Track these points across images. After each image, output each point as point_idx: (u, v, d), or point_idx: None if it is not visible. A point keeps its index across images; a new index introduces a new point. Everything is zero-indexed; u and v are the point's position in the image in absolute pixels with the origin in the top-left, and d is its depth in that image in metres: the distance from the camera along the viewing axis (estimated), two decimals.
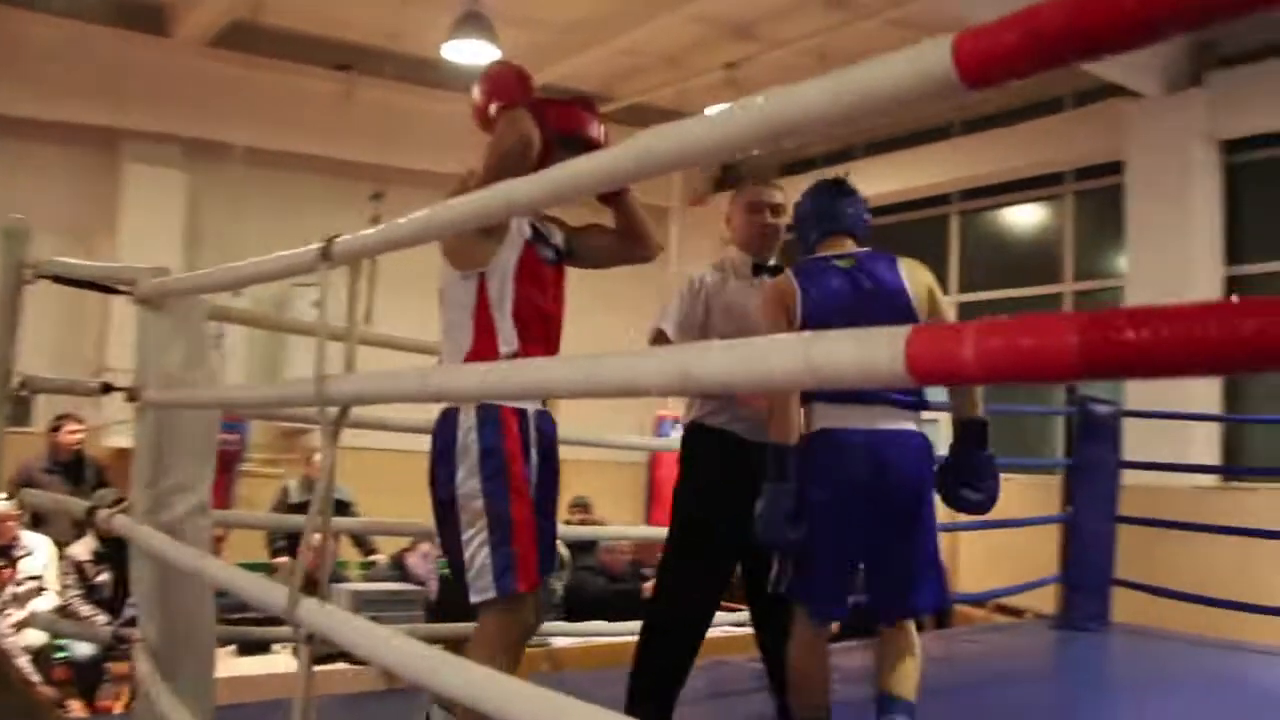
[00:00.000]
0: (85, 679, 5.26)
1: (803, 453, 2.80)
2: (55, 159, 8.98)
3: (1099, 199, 8.93)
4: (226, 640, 4.34)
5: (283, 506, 7.13)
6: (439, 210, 1.55)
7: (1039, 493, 6.64)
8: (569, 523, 7.09)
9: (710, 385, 1.08)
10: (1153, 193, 7.88)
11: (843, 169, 3.37)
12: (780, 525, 2.75)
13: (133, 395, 3.19)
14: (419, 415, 3.90)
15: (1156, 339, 0.71)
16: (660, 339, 3.28)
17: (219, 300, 3.76)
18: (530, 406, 2.68)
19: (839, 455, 2.79)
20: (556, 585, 6.48)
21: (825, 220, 3.08)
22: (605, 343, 1.85)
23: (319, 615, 1.72)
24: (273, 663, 4.67)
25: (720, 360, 1.00)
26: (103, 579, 5.41)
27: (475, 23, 7.98)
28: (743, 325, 3.16)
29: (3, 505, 5.35)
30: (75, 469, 6.83)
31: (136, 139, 9.05)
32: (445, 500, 2.65)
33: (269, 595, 1.96)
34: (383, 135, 7.75)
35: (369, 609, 4.67)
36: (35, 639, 5.13)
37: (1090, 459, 5.74)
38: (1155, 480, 6.67)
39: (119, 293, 3.34)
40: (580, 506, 8.05)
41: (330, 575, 3.82)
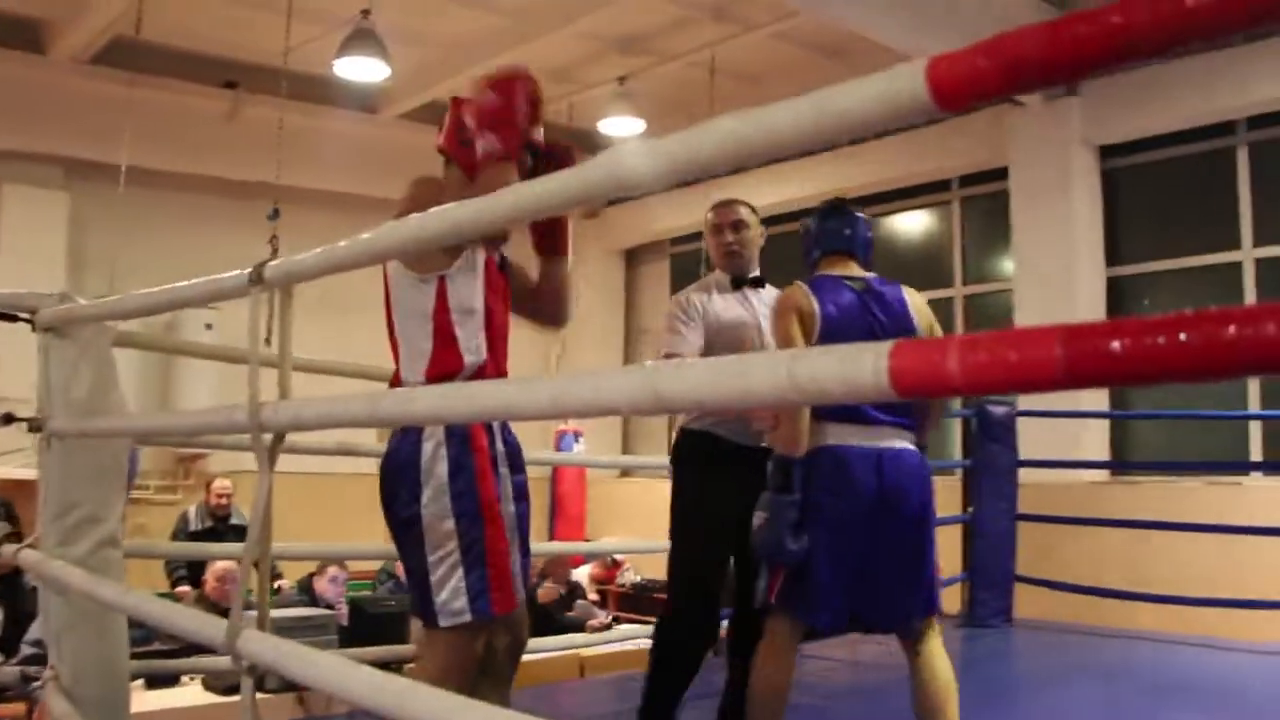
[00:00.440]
0: None
1: (808, 466, 2.86)
2: None
3: (985, 205, 9.19)
4: (138, 675, 4.22)
5: (183, 535, 6.97)
6: (381, 234, 1.54)
7: (940, 494, 6.74)
8: None
9: (684, 404, 1.08)
10: (1036, 198, 8.15)
11: (735, 179, 3.49)
12: (783, 537, 2.80)
13: (35, 425, 3.10)
14: (325, 439, 3.86)
15: (1138, 348, 0.75)
16: None
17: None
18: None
19: (845, 470, 2.87)
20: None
21: (825, 239, 3.18)
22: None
23: (263, 646, 1.69)
24: (182, 695, 4.55)
25: (697, 378, 1.02)
26: None
27: (365, 40, 7.91)
28: (734, 338, 3.27)
29: None
30: None
31: (14, 159, 8.74)
32: (407, 520, 2.48)
33: (205, 628, 1.92)
34: (273, 153, 7.61)
35: (281, 635, 4.57)
36: None
37: (989, 459, 5.90)
38: (1050, 478, 6.89)
39: (13, 319, 3.24)
40: None
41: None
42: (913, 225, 9.98)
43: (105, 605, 2.60)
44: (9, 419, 3.26)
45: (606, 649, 5.63)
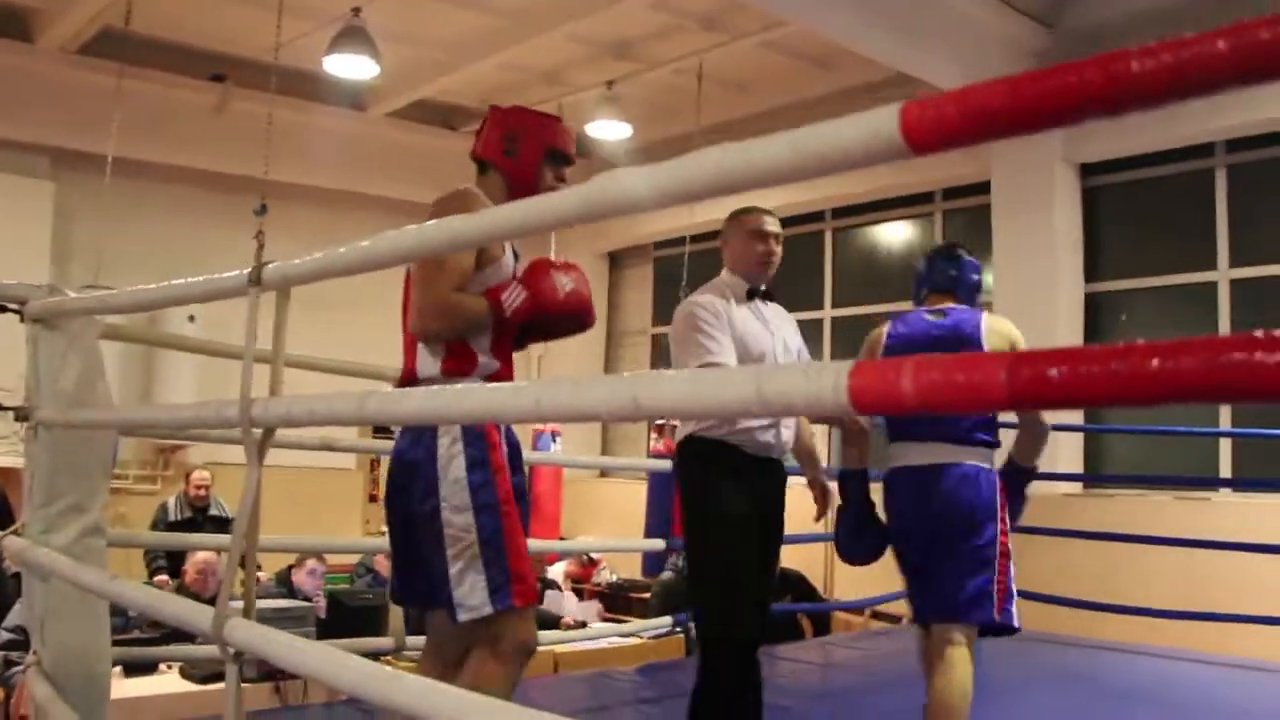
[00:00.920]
0: None
1: (884, 485, 3.39)
2: None
3: (967, 218, 9.28)
4: (117, 661, 4.26)
5: (162, 525, 7.00)
6: (379, 241, 1.59)
7: None
8: None
9: (660, 413, 1.15)
10: (1017, 213, 8.23)
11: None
12: (852, 540, 3.44)
13: (22, 415, 3.14)
14: (308, 434, 3.91)
15: (1074, 376, 0.82)
16: None
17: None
18: None
19: (891, 489, 3.37)
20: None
21: (928, 280, 3.59)
22: None
23: (250, 634, 1.74)
24: (160, 683, 4.59)
25: (673, 389, 1.08)
26: None
27: (356, 37, 7.97)
28: (752, 347, 3.23)
29: None
30: None
31: (0, 148, 8.76)
32: (422, 515, 2.51)
33: (192, 616, 1.97)
34: (262, 148, 7.64)
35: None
36: None
37: None
38: None
39: (1, 310, 3.27)
40: None
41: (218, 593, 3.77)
42: (895, 236, 10.06)
43: (91, 592, 2.64)
44: None
45: (580, 646, 5.69)
